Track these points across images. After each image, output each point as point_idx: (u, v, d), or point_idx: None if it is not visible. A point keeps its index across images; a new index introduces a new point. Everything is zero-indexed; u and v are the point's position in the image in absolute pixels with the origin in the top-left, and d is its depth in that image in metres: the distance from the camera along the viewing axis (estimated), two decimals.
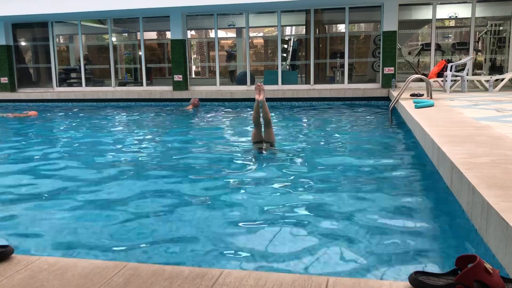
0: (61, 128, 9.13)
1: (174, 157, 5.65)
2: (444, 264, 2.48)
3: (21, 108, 12.84)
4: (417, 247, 2.74)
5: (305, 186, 4.13)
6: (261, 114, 5.39)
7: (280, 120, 8.92)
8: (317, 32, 13.33)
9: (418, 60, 15.15)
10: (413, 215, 3.30)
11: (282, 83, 13.12)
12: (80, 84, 14.71)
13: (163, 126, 9.10)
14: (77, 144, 6.84)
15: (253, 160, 5.32)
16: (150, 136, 7.65)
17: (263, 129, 5.53)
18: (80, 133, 8.11)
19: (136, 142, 7.01)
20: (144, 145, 6.64)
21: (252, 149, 5.67)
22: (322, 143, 6.49)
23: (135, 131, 8.28)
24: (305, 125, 8.42)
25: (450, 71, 9.95)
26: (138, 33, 14.72)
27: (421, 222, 3.17)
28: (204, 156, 5.65)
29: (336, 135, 7.22)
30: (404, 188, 4.03)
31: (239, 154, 5.63)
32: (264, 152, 5.45)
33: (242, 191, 4.05)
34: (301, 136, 7.05)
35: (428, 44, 12.95)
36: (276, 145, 5.69)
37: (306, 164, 5.08)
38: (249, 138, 6.12)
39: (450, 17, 13.28)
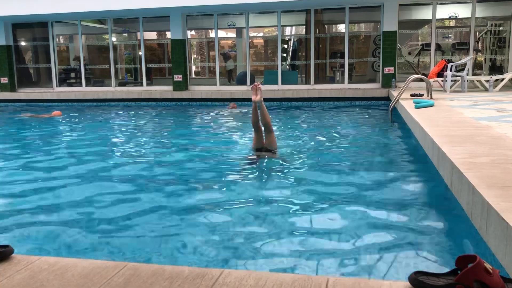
0: (64, 128, 9.13)
1: (173, 160, 5.62)
2: (444, 264, 2.48)
3: (21, 108, 12.84)
4: (417, 247, 2.74)
5: (303, 188, 4.13)
6: (260, 117, 5.00)
7: (280, 122, 8.91)
8: (317, 32, 13.33)
9: (418, 60, 15.15)
10: (413, 215, 3.30)
11: (282, 83, 13.12)
12: (80, 84, 14.71)
13: (162, 128, 9.10)
14: (78, 145, 6.83)
15: (252, 169, 4.95)
16: (150, 138, 7.65)
17: (264, 134, 5.12)
18: (81, 134, 8.11)
19: (135, 144, 7.01)
20: (143, 147, 6.64)
21: (252, 157, 5.24)
22: (321, 145, 6.48)
23: (135, 133, 8.28)
24: (304, 127, 8.40)
25: (450, 71, 9.95)
26: (138, 33, 14.72)
27: (421, 222, 3.17)
28: (202, 161, 5.51)
29: (336, 136, 7.22)
30: (404, 188, 4.03)
31: (238, 161, 5.33)
32: (264, 161, 5.03)
33: (240, 196, 4.05)
34: (300, 139, 6.92)
35: (428, 44, 12.95)
36: (278, 152, 5.27)
37: (305, 168, 4.99)
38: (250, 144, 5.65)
39: (450, 17, 13.28)
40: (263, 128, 5.10)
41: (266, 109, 5.01)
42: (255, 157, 5.19)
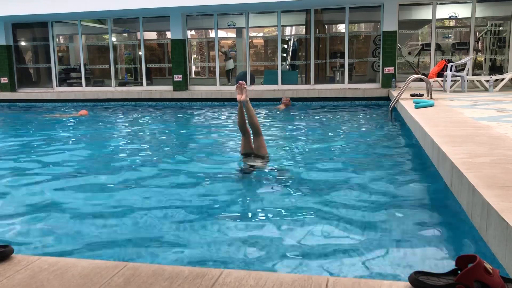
0: (64, 128, 9.12)
1: (169, 162, 5.60)
2: (444, 264, 2.48)
3: (21, 108, 12.85)
4: (417, 247, 2.74)
5: (301, 188, 4.12)
6: (246, 119, 4.67)
7: (277, 123, 8.90)
8: (317, 32, 13.33)
9: (418, 60, 15.15)
10: (413, 215, 3.30)
11: (282, 83, 13.12)
12: (80, 84, 14.72)
13: (162, 129, 9.10)
14: (78, 145, 6.83)
15: (247, 173, 4.63)
16: (150, 139, 7.65)
17: (252, 137, 4.80)
18: (81, 134, 8.10)
19: (134, 144, 7.01)
20: (142, 148, 6.64)
21: (241, 164, 4.89)
22: (321, 145, 6.48)
23: (133, 134, 8.28)
24: (303, 127, 8.39)
25: (450, 71, 9.95)
26: (138, 33, 14.72)
27: (421, 222, 3.17)
28: (200, 161, 5.45)
29: (336, 136, 7.22)
30: (403, 188, 4.02)
31: (235, 165, 5.06)
32: (253, 168, 4.65)
33: (238, 197, 4.05)
34: (297, 140, 6.89)
35: (428, 44, 12.95)
36: (269, 158, 4.89)
37: (302, 168, 4.93)
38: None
39: (450, 17, 13.28)
40: (250, 131, 4.80)
41: (253, 110, 4.67)
42: (243, 164, 4.85)
